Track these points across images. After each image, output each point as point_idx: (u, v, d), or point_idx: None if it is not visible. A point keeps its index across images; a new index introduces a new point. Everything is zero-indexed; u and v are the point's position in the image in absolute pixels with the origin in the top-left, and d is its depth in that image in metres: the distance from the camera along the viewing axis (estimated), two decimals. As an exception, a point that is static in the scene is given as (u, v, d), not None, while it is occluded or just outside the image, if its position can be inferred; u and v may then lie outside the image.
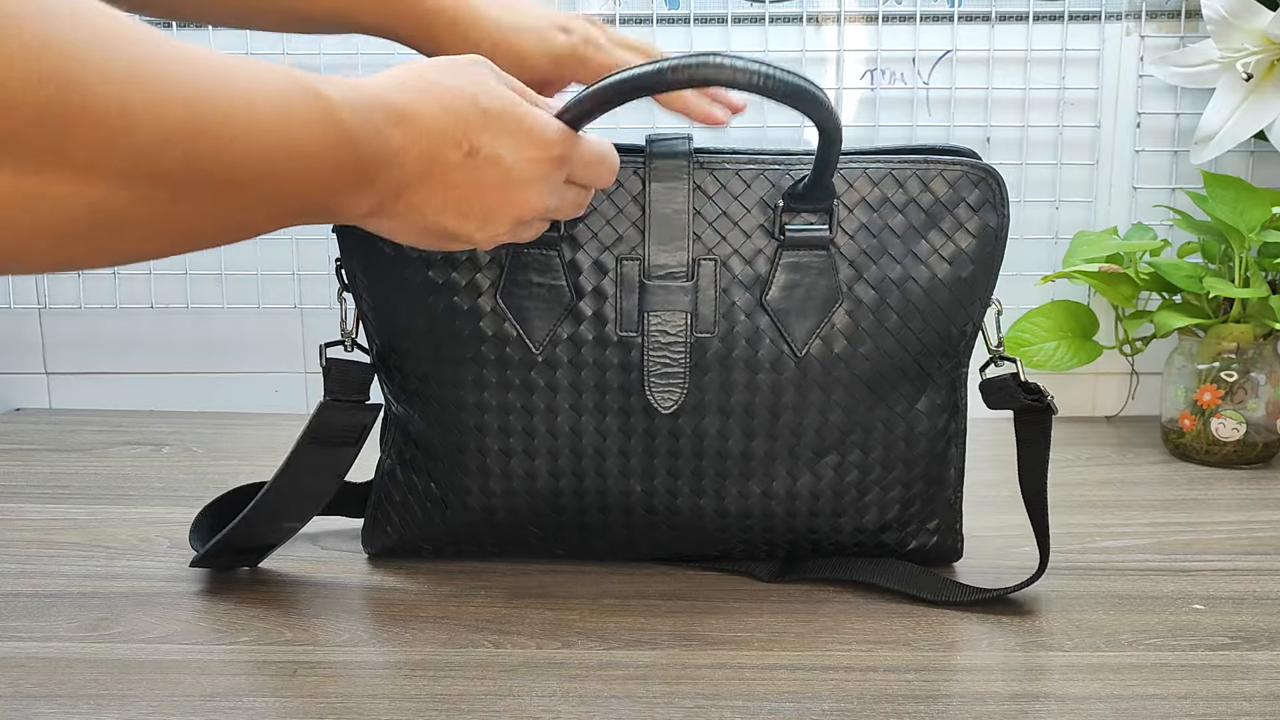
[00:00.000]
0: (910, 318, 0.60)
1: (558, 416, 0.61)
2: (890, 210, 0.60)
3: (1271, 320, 0.85)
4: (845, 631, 0.59)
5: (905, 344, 0.60)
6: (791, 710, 0.51)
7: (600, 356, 0.60)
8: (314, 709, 0.51)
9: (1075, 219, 1.03)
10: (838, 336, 0.60)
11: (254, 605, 0.62)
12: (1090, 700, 0.52)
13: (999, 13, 1.00)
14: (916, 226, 0.60)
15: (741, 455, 0.61)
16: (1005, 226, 0.60)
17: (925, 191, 0.59)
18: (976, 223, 0.60)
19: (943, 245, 0.60)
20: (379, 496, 0.67)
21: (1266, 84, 0.89)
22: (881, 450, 0.62)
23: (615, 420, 0.61)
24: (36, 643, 0.57)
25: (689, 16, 1.00)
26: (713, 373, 0.60)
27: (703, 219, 0.59)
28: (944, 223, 0.60)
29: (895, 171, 0.60)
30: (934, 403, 0.63)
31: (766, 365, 0.60)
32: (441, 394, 0.62)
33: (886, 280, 0.60)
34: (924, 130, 1.01)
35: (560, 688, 0.53)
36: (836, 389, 0.60)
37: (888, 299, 0.60)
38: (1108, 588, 0.64)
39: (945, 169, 0.60)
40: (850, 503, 0.63)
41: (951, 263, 0.60)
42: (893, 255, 0.60)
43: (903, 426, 0.62)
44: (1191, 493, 0.83)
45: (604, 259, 0.60)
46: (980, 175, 0.60)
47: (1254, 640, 0.58)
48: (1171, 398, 0.92)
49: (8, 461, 0.91)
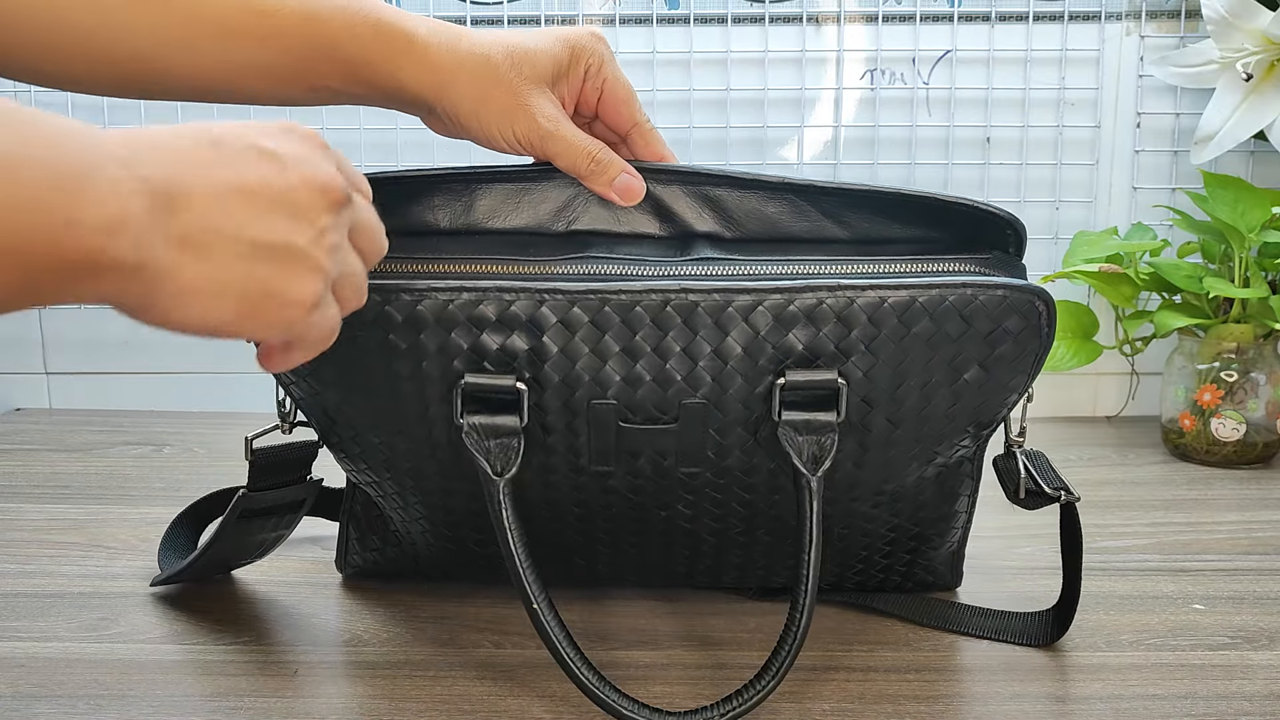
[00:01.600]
0: (926, 439, 0.54)
1: (533, 523, 0.55)
2: (914, 341, 0.50)
3: (1272, 320, 0.85)
4: (845, 632, 0.59)
5: (918, 456, 0.55)
6: (791, 710, 0.51)
7: (575, 482, 0.55)
8: (314, 709, 0.51)
9: (1075, 219, 1.03)
10: (842, 463, 0.54)
11: (254, 605, 0.62)
12: (1090, 700, 0.52)
13: (999, 13, 1.00)
14: (943, 355, 0.51)
15: (742, 547, 0.58)
16: (1047, 348, 0.52)
17: (958, 319, 0.50)
18: (1013, 349, 0.51)
19: (971, 370, 0.52)
20: (345, 519, 0.65)
21: (1266, 84, 0.89)
22: (888, 517, 0.58)
23: (597, 527, 0.57)
24: (36, 643, 0.57)
25: (689, 16, 1.00)
26: (699, 495, 0.55)
27: (688, 358, 0.51)
28: (975, 349, 0.51)
29: (922, 300, 0.50)
30: (943, 489, 0.58)
31: (762, 490, 0.55)
32: (402, 492, 0.58)
33: (903, 410, 0.52)
34: (924, 130, 1.01)
35: (560, 688, 0.53)
36: (837, 504, 0.56)
37: (900, 427, 0.53)
38: (1108, 588, 0.64)
39: (983, 295, 0.50)
40: (853, 559, 0.60)
41: (979, 387, 0.52)
42: (912, 385, 0.52)
43: (910, 498, 0.58)
44: (1191, 493, 0.83)
45: (575, 401, 0.52)
46: (1026, 301, 0.50)
47: (1254, 640, 0.57)
48: (1171, 398, 0.92)
49: (8, 461, 0.91)
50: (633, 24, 1.01)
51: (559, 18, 1.01)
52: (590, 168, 0.54)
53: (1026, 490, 0.56)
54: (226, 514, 0.59)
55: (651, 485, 0.54)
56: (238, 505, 0.59)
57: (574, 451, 0.53)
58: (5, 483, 0.85)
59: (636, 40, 1.01)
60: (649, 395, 0.51)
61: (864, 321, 0.50)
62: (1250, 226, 0.86)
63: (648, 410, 0.51)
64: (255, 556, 0.65)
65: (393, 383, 0.52)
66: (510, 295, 0.50)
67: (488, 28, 0.91)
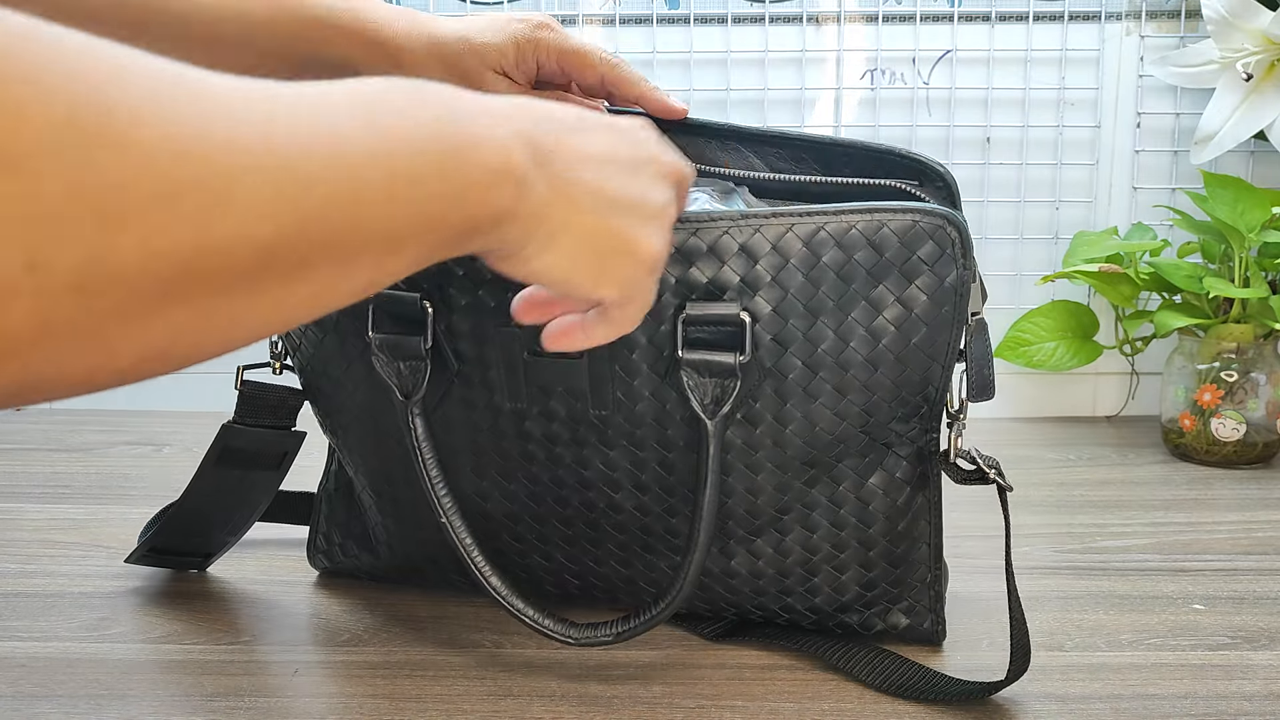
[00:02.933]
0: (849, 390, 0.51)
1: (460, 479, 0.56)
2: (823, 272, 0.49)
3: (1271, 320, 0.85)
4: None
5: (846, 417, 0.51)
6: (791, 711, 0.51)
7: (494, 424, 0.54)
8: (314, 709, 0.51)
9: (1075, 219, 1.03)
10: (761, 414, 0.51)
11: (254, 605, 0.62)
12: (1090, 700, 0.52)
13: (999, 12, 1.00)
14: (856, 288, 0.49)
15: (665, 532, 0.55)
16: (967, 281, 0.49)
17: (867, 248, 0.48)
18: (930, 280, 0.49)
19: (889, 308, 0.49)
20: (315, 518, 0.66)
21: (1266, 84, 0.89)
22: (828, 528, 0.54)
23: (521, 488, 0.56)
24: (37, 643, 0.57)
25: (689, 16, 1.00)
26: (618, 449, 0.53)
27: None
28: (890, 281, 0.49)
29: (830, 227, 0.48)
30: (893, 476, 0.54)
31: (680, 444, 0.52)
32: (348, 438, 0.59)
33: (818, 353, 0.50)
34: (924, 130, 1.01)
35: (560, 688, 0.53)
36: (762, 469, 0.52)
37: (820, 372, 0.50)
38: (1108, 588, 0.64)
39: (892, 219, 0.48)
40: (797, 582, 0.55)
41: (899, 327, 0.50)
42: (826, 324, 0.50)
43: (853, 504, 0.54)
44: (1191, 493, 0.83)
45: (481, 327, 0.51)
46: (936, 225, 0.48)
47: (1254, 640, 0.58)
48: (1171, 398, 0.92)
49: (8, 461, 0.91)
50: (633, 24, 1.01)
51: (559, 17, 1.01)
52: None
53: (956, 454, 0.52)
54: (210, 447, 0.60)
55: (567, 432, 0.53)
56: (221, 438, 0.60)
57: (488, 386, 0.53)
58: (6, 482, 0.85)
59: (636, 40, 1.01)
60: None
61: (768, 251, 0.49)
62: (1250, 226, 0.86)
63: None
64: (232, 529, 0.65)
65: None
66: None
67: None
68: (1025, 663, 0.50)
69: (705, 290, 0.49)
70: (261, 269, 0.26)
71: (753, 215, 0.49)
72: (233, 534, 0.66)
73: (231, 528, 0.65)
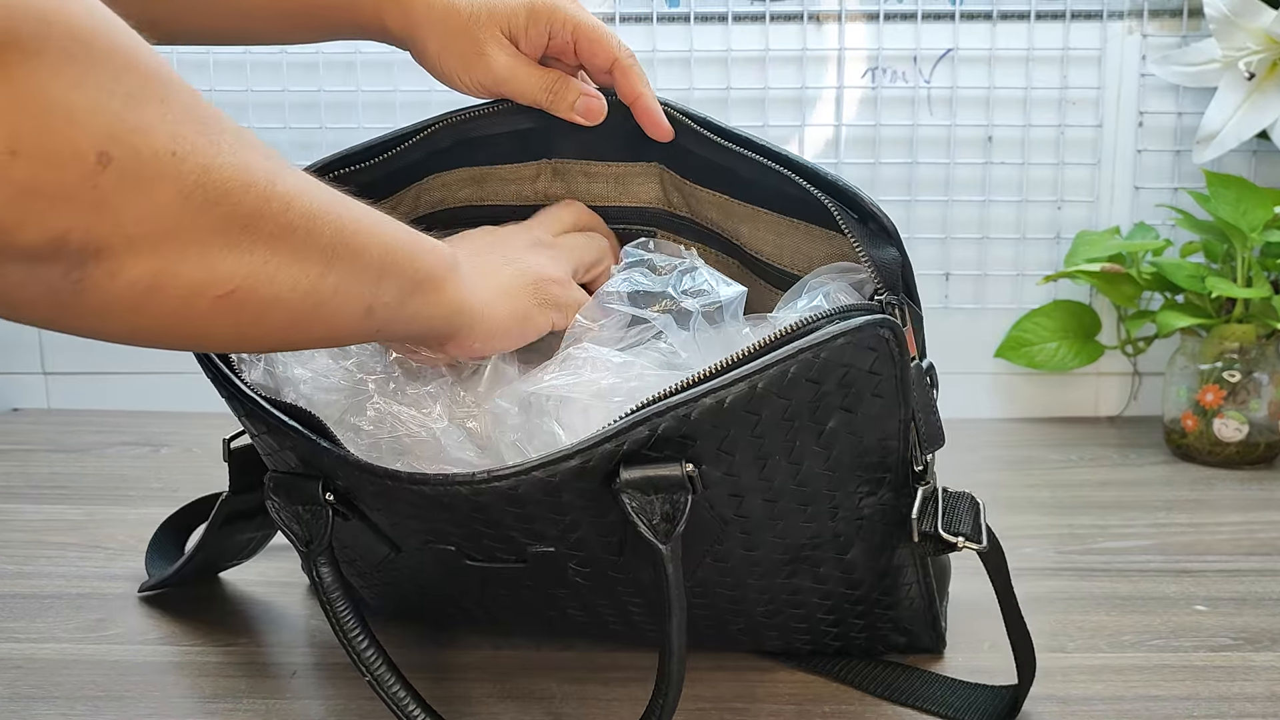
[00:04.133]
0: (813, 500, 0.49)
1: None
2: (768, 425, 0.46)
3: (1274, 320, 0.85)
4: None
5: (815, 519, 0.50)
6: (791, 712, 0.51)
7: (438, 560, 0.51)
8: (314, 711, 0.51)
9: (1077, 218, 1.03)
10: (731, 550, 0.49)
11: (253, 607, 0.62)
12: (1092, 701, 0.51)
13: (1000, 11, 0.99)
14: (801, 423, 0.46)
15: (649, 625, 0.53)
16: (906, 369, 0.47)
17: (807, 384, 0.45)
18: (871, 381, 0.47)
19: (835, 416, 0.47)
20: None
21: (1269, 83, 0.89)
22: (817, 601, 0.53)
23: (501, 589, 0.53)
24: (34, 644, 0.57)
25: (689, 15, 1.00)
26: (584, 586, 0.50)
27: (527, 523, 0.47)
28: (834, 398, 0.46)
29: (762, 385, 0.44)
30: (871, 544, 0.52)
31: (649, 584, 0.49)
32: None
33: (776, 486, 0.47)
34: (925, 129, 1.01)
35: (560, 688, 0.53)
36: (740, 584, 0.51)
37: (780, 500, 0.48)
38: (1110, 589, 0.64)
39: (825, 352, 0.45)
40: (790, 619, 0.54)
41: (850, 430, 0.48)
42: (778, 461, 0.47)
43: (837, 577, 0.52)
44: (1194, 493, 0.82)
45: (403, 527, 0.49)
46: (870, 337, 0.45)
47: (1256, 641, 0.57)
48: (1174, 398, 0.92)
49: (5, 462, 0.90)
50: (633, 22, 1.00)
51: (559, 16, 1.00)
52: (549, 99, 0.56)
53: (921, 534, 0.49)
54: (210, 520, 0.59)
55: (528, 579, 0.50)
56: (221, 509, 0.59)
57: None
58: (3, 483, 0.85)
59: (637, 38, 1.00)
60: (492, 546, 0.48)
61: (709, 429, 0.44)
62: (1253, 226, 0.86)
63: (492, 555, 0.49)
64: (243, 558, 0.65)
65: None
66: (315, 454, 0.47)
67: None
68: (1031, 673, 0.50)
69: (649, 484, 0.45)
70: (298, 237, 0.37)
71: (684, 402, 0.44)
72: (247, 558, 0.66)
73: (244, 556, 0.66)
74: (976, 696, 0.52)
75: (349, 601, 0.48)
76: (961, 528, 0.50)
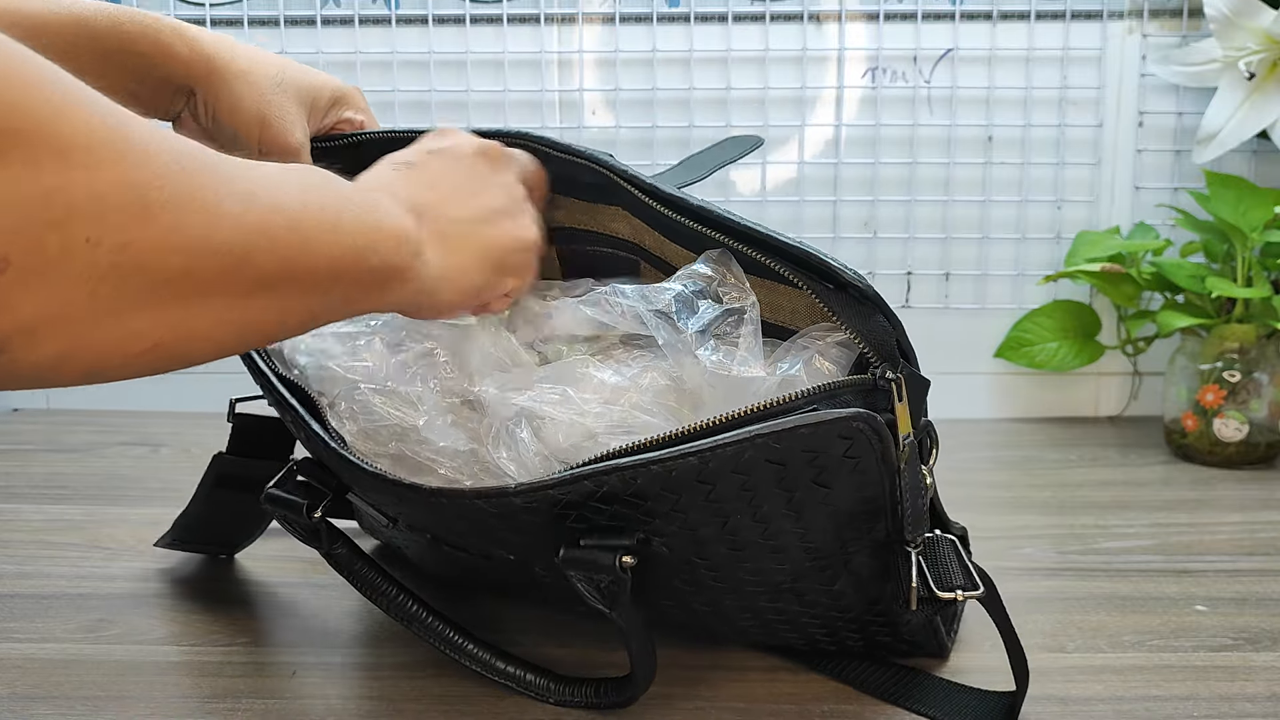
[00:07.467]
0: (785, 549, 0.47)
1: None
2: (723, 495, 0.44)
3: (1274, 320, 0.85)
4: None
5: (789, 561, 0.48)
6: (791, 712, 0.51)
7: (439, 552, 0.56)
8: (313, 710, 0.51)
9: (1077, 218, 1.03)
10: (702, 580, 0.48)
11: (252, 606, 0.62)
12: (1093, 702, 0.51)
13: (1001, 11, 0.99)
14: (772, 492, 0.44)
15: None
16: (889, 448, 0.44)
17: (770, 465, 0.43)
18: (849, 464, 0.44)
19: (816, 496, 0.45)
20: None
21: (1269, 83, 0.89)
22: (808, 621, 0.52)
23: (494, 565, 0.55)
24: (34, 644, 0.57)
25: (689, 15, 1.00)
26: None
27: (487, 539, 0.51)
28: (811, 476, 0.44)
29: (714, 465, 0.42)
30: (860, 577, 0.50)
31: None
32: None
33: (741, 536, 0.46)
34: (925, 129, 1.01)
35: (560, 689, 0.52)
36: (720, 602, 0.50)
37: (749, 549, 0.47)
38: (1110, 589, 0.64)
39: (787, 438, 0.42)
40: (783, 624, 0.53)
41: (830, 503, 0.45)
42: (742, 520, 0.45)
43: (825, 604, 0.51)
44: (1194, 493, 0.82)
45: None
46: (842, 426, 0.42)
47: (1256, 641, 0.57)
48: (1174, 398, 0.92)
49: (5, 462, 0.90)
50: (633, 22, 1.00)
51: (559, 15, 1.00)
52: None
53: (919, 599, 0.47)
54: (205, 472, 0.61)
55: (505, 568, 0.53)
56: (213, 467, 0.60)
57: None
58: (3, 483, 0.85)
59: (637, 38, 1.00)
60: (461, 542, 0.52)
61: (657, 492, 0.43)
62: (1253, 226, 0.86)
63: (463, 549, 0.53)
64: (247, 532, 0.66)
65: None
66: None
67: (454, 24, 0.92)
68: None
69: (602, 529, 0.45)
70: (232, 279, 0.34)
71: (630, 466, 0.43)
72: (248, 536, 0.66)
73: (245, 531, 0.65)
74: (974, 702, 0.52)
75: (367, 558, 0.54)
76: (955, 580, 0.48)
